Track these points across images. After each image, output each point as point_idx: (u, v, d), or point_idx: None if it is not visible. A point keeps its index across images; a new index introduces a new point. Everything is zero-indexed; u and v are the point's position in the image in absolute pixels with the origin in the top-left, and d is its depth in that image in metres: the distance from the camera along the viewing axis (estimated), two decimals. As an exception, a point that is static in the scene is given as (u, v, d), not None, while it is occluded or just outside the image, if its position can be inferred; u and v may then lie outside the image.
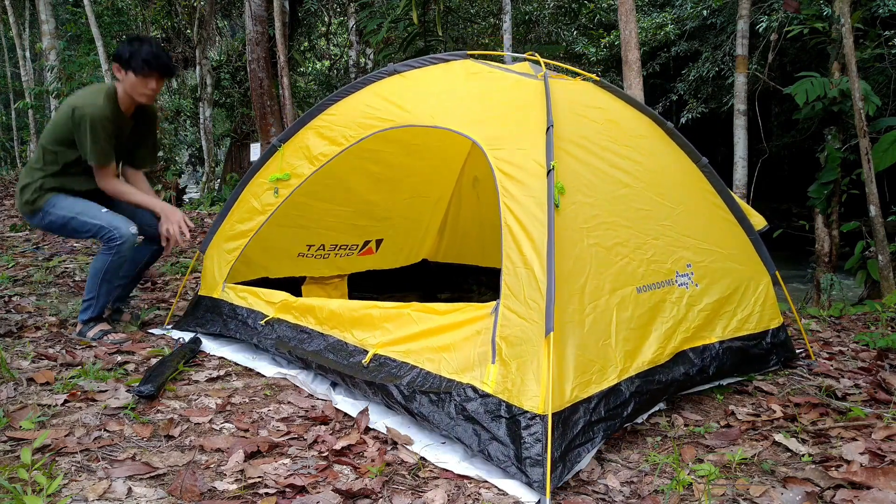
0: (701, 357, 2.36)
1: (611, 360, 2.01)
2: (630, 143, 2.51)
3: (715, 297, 2.50)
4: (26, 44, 12.24)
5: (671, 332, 2.27)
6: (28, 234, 5.70)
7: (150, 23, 11.73)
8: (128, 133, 2.96)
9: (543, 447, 1.73)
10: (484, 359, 1.96)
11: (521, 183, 2.07)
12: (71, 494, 1.66)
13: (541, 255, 1.93)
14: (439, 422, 1.94)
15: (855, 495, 1.69)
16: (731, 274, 2.61)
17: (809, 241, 5.42)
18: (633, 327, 2.12)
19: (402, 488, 1.76)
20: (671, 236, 2.42)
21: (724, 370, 2.46)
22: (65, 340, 2.90)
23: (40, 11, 9.89)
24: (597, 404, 1.92)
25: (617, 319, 2.07)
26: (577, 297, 1.97)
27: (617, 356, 2.04)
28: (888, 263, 4.37)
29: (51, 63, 9.79)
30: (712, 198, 2.77)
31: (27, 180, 2.87)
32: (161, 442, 1.98)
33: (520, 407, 1.82)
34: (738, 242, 2.76)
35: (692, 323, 2.36)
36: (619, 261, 2.17)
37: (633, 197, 2.35)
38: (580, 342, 1.93)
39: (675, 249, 2.41)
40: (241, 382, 2.51)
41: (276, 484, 1.76)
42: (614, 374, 2.00)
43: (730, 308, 2.57)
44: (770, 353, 2.70)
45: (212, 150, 11.31)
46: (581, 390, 1.89)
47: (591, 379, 1.93)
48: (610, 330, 2.04)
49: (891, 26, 7.14)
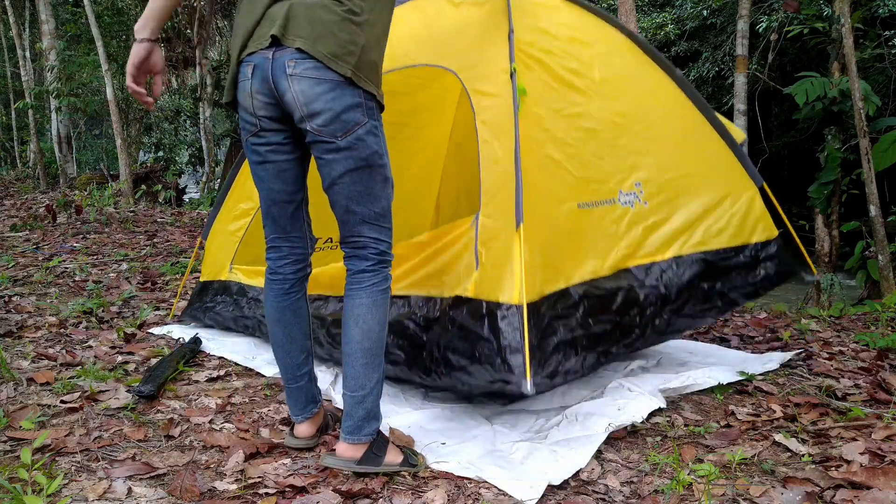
0: (647, 273, 2.37)
1: (561, 267, 2.11)
2: (594, 61, 2.48)
3: (669, 215, 2.49)
4: (26, 44, 12.24)
5: (609, 248, 2.30)
6: (28, 234, 5.70)
7: (150, 23, 11.70)
8: None
9: (521, 335, 1.84)
10: (470, 269, 2.06)
11: (491, 95, 2.16)
12: (71, 494, 1.66)
13: (509, 152, 2.02)
14: (446, 342, 2.03)
15: (855, 495, 1.69)
16: (697, 189, 2.58)
17: (809, 241, 5.43)
18: (574, 241, 2.19)
19: (402, 488, 1.76)
20: (620, 156, 2.42)
21: (686, 287, 2.44)
22: (65, 340, 2.90)
23: (40, 11, 9.89)
24: (555, 302, 2.03)
25: (563, 230, 2.15)
26: (536, 205, 2.04)
27: (564, 264, 2.13)
28: (888, 263, 4.37)
29: (51, 63, 9.80)
30: (688, 112, 2.73)
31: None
32: (161, 442, 1.99)
33: (497, 301, 1.93)
34: (715, 156, 2.72)
35: (634, 240, 2.37)
36: (566, 176, 2.22)
37: (585, 116, 2.36)
38: (539, 243, 2.02)
39: (622, 169, 2.41)
40: (241, 382, 2.51)
41: (276, 484, 1.76)
42: (564, 280, 2.11)
43: (693, 224, 2.54)
44: (754, 265, 2.66)
45: (212, 150, 11.32)
46: (544, 286, 2.01)
47: (549, 278, 2.04)
48: (559, 240, 2.13)
49: (891, 26, 7.14)
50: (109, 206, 7.53)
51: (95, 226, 6.12)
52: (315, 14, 1.62)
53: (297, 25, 1.62)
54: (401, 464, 1.81)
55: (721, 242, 2.58)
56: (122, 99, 10.93)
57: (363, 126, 1.67)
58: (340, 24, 1.63)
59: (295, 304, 1.90)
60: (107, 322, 3.21)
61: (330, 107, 1.62)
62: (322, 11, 1.62)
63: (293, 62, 1.62)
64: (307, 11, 1.62)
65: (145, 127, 13.58)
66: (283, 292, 1.89)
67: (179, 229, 6.16)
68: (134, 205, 8.29)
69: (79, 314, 3.27)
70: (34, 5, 11.19)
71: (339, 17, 1.63)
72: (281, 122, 1.72)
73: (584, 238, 2.23)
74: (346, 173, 1.69)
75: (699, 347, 3.01)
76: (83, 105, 9.95)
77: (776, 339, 3.27)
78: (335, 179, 1.71)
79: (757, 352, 3.01)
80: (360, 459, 1.78)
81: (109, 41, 10.81)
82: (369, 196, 1.73)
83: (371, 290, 1.77)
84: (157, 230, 6.08)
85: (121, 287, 3.87)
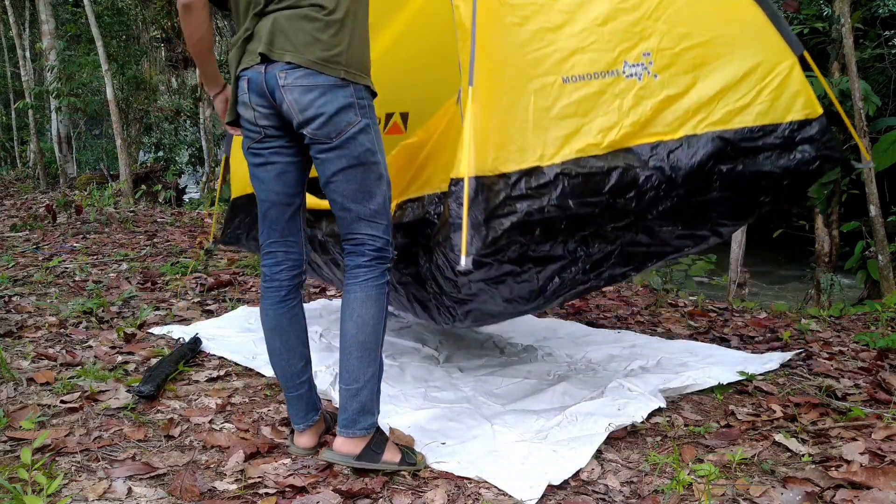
0: (652, 152, 2.15)
1: (530, 144, 1.98)
2: None
3: (685, 89, 2.22)
4: (26, 44, 12.23)
5: (609, 125, 2.11)
6: (28, 234, 5.70)
7: (150, 23, 11.74)
8: None
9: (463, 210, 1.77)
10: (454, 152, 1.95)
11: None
12: (71, 494, 1.66)
13: (467, 19, 1.89)
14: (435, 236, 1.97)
15: (855, 495, 1.69)
16: (719, 59, 2.27)
17: (809, 241, 5.42)
18: (555, 117, 2.03)
19: (402, 488, 1.76)
20: (627, 21, 2.17)
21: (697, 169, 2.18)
22: (65, 340, 2.90)
23: (40, 11, 9.89)
24: (517, 181, 1.92)
25: (535, 107, 1.99)
26: (496, 75, 1.93)
27: (536, 142, 1.99)
28: (888, 263, 4.37)
29: (51, 63, 9.79)
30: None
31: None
32: (161, 442, 1.99)
33: (452, 177, 1.86)
34: (743, 18, 2.34)
35: (641, 117, 2.15)
36: (545, 47, 2.04)
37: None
38: (498, 118, 1.91)
39: (628, 36, 2.16)
40: (241, 382, 2.51)
41: (276, 484, 1.76)
42: (534, 157, 1.98)
43: (712, 100, 2.26)
44: (788, 147, 2.31)
45: (212, 150, 11.31)
46: (500, 163, 1.91)
47: (510, 157, 1.93)
48: (527, 115, 1.98)
49: (891, 26, 7.14)
50: (109, 206, 7.53)
51: (95, 226, 6.12)
52: (298, 24, 1.68)
53: (282, 38, 1.68)
54: (399, 462, 1.82)
55: (746, 120, 2.27)
56: (121, 99, 10.93)
57: (355, 125, 1.71)
58: (324, 28, 1.68)
59: (291, 311, 1.91)
60: (107, 322, 3.21)
61: (323, 111, 1.68)
62: (303, 20, 1.68)
63: (284, 73, 1.68)
64: (290, 22, 1.68)
65: (145, 127, 13.57)
66: (280, 299, 1.90)
67: (179, 229, 6.16)
68: (134, 205, 8.29)
69: (79, 314, 3.27)
70: (34, 5, 11.18)
71: (322, 21, 1.68)
72: (282, 129, 1.77)
73: (573, 114, 2.06)
74: (340, 171, 1.73)
75: (699, 347, 3.01)
76: (83, 105, 9.94)
77: (776, 339, 3.27)
78: (330, 178, 1.75)
79: (757, 352, 3.01)
80: (358, 455, 1.79)
81: (109, 41, 10.80)
82: (364, 193, 1.76)
83: (365, 284, 1.79)
84: (157, 230, 6.08)
85: (121, 287, 3.87)
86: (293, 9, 1.69)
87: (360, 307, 1.79)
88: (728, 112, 2.25)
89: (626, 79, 2.14)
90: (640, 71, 2.16)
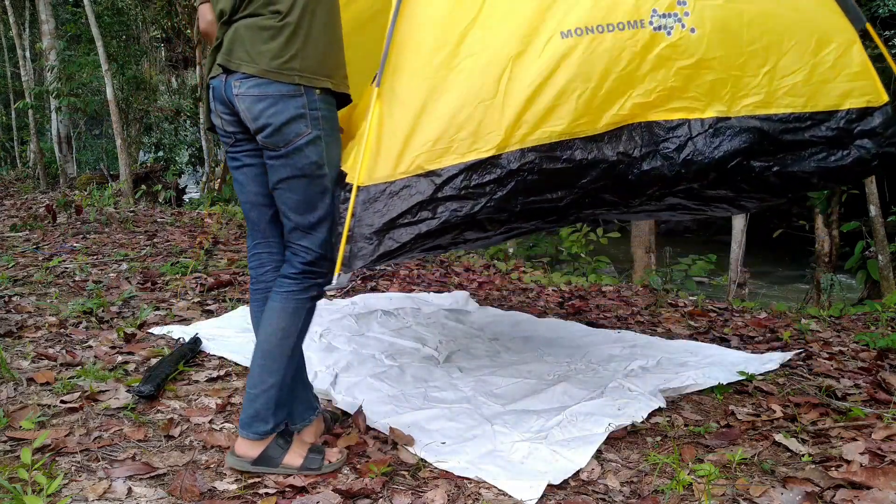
0: (667, 136, 1.74)
1: (489, 126, 1.66)
2: None
3: (724, 52, 1.78)
4: (26, 44, 12.23)
5: (615, 92, 1.71)
6: (28, 234, 5.71)
7: (150, 23, 11.74)
8: None
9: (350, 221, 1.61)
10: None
11: None
12: (71, 494, 1.66)
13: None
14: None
15: (855, 495, 1.69)
16: (769, 20, 1.81)
17: (809, 241, 5.43)
18: (542, 84, 1.67)
19: (402, 488, 1.76)
20: None
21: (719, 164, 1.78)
22: (65, 340, 2.90)
23: (40, 11, 9.89)
24: (451, 178, 1.64)
25: (513, 75, 1.66)
26: (447, 48, 1.67)
27: (502, 120, 1.66)
28: (888, 263, 4.37)
29: (51, 63, 9.79)
30: None
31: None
32: (161, 442, 1.99)
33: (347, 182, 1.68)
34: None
35: (660, 84, 1.73)
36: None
37: None
38: (441, 101, 1.65)
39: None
40: (241, 382, 2.51)
41: (276, 484, 1.76)
42: (492, 143, 1.66)
43: (757, 70, 1.81)
44: (843, 140, 1.87)
45: (212, 150, 11.31)
46: (430, 160, 1.64)
47: (452, 147, 1.65)
48: (497, 87, 1.66)
49: (891, 26, 7.14)
50: (109, 206, 7.53)
51: (95, 226, 6.12)
52: (254, 33, 1.68)
53: (239, 48, 1.69)
54: (300, 467, 1.81)
55: (792, 105, 1.85)
56: (122, 99, 10.93)
57: (304, 136, 1.69)
58: (276, 34, 1.66)
59: None
60: (107, 322, 3.21)
61: (271, 121, 1.68)
62: (259, 29, 1.67)
63: (238, 83, 1.70)
64: (247, 31, 1.69)
65: (145, 127, 13.57)
66: (266, 300, 1.90)
67: (179, 229, 6.15)
68: (134, 205, 8.29)
69: (79, 314, 3.27)
70: (34, 5, 11.19)
71: (275, 27, 1.66)
72: (250, 133, 1.78)
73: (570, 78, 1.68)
74: (283, 180, 1.73)
75: (699, 347, 3.01)
76: (83, 105, 9.94)
77: (776, 339, 3.27)
78: (275, 184, 1.76)
79: (757, 352, 3.01)
80: (255, 459, 1.80)
81: (109, 41, 10.80)
82: (305, 205, 1.74)
83: (286, 295, 1.78)
84: (157, 230, 6.08)
85: (121, 287, 3.87)
86: (253, 17, 1.68)
87: (274, 316, 1.78)
88: (771, 92, 1.82)
89: (653, 31, 1.73)
90: (671, 23, 1.73)
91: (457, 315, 3.50)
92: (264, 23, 1.67)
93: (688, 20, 1.74)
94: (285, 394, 1.82)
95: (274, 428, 1.81)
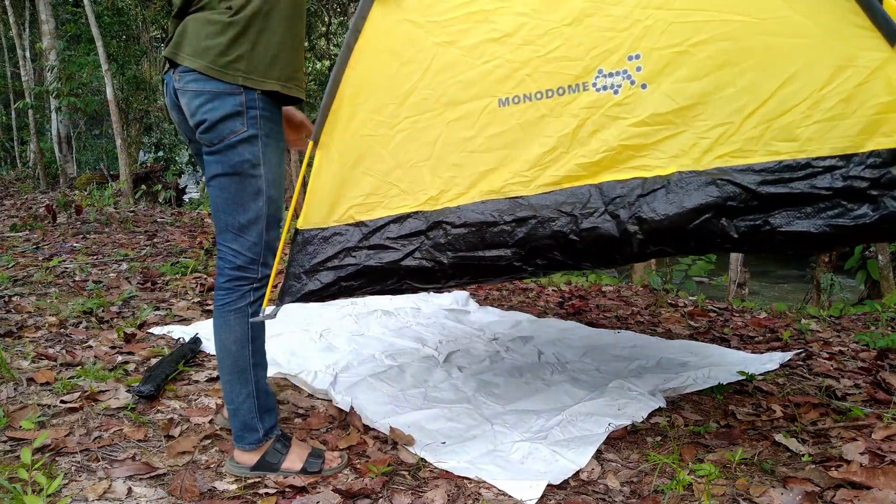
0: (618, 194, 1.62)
1: (420, 185, 1.74)
2: None
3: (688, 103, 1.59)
4: (26, 44, 12.23)
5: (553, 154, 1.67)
6: (28, 234, 5.70)
7: (150, 23, 11.73)
8: None
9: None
10: None
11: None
12: (71, 494, 1.66)
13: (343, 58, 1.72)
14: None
15: (855, 495, 1.69)
16: (756, 56, 1.55)
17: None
18: (476, 149, 1.71)
19: (402, 488, 1.76)
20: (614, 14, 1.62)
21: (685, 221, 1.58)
22: (65, 340, 2.90)
23: (40, 11, 9.88)
24: (378, 229, 1.75)
25: (447, 139, 1.71)
26: (390, 108, 1.74)
27: (434, 181, 1.73)
28: (888, 263, 4.37)
29: (51, 63, 9.79)
30: None
31: None
32: (161, 442, 1.99)
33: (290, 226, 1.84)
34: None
35: (610, 143, 1.63)
36: (481, 65, 1.69)
37: None
38: (378, 158, 1.75)
39: (610, 36, 1.62)
40: (241, 382, 2.51)
41: (276, 484, 1.76)
42: (421, 200, 1.73)
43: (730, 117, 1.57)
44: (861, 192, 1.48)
45: (212, 150, 11.30)
46: (361, 212, 1.76)
47: (384, 202, 1.75)
48: (430, 151, 1.72)
49: (891, 26, 7.14)
50: (109, 206, 7.53)
51: (95, 226, 6.12)
52: (200, 28, 1.65)
53: (186, 42, 1.67)
54: (299, 471, 1.81)
55: (779, 151, 1.54)
56: (122, 99, 10.93)
57: (239, 134, 1.65)
58: (223, 30, 1.63)
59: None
60: (107, 322, 3.21)
61: (206, 117, 1.65)
62: (207, 23, 1.65)
63: (179, 76, 1.68)
64: (194, 26, 1.66)
65: (145, 127, 13.57)
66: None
67: (179, 229, 6.15)
68: (134, 205, 8.29)
69: (79, 314, 3.27)
70: (34, 5, 11.18)
71: (223, 23, 1.63)
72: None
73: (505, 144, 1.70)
74: (215, 177, 1.71)
75: (699, 347, 3.01)
76: (83, 105, 9.94)
77: (776, 339, 3.27)
78: (208, 181, 1.74)
79: (757, 352, 3.01)
80: (253, 466, 1.81)
81: (109, 41, 10.80)
82: (235, 205, 1.70)
83: (222, 310, 1.75)
84: (157, 230, 6.08)
85: (121, 287, 3.87)
86: (203, 11, 1.65)
87: (221, 333, 1.76)
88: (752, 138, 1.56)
89: (596, 93, 1.65)
90: (618, 81, 1.64)
91: (457, 315, 3.50)
92: (213, 17, 1.63)
93: (639, 75, 1.63)
94: (265, 398, 1.82)
95: (266, 434, 1.81)
